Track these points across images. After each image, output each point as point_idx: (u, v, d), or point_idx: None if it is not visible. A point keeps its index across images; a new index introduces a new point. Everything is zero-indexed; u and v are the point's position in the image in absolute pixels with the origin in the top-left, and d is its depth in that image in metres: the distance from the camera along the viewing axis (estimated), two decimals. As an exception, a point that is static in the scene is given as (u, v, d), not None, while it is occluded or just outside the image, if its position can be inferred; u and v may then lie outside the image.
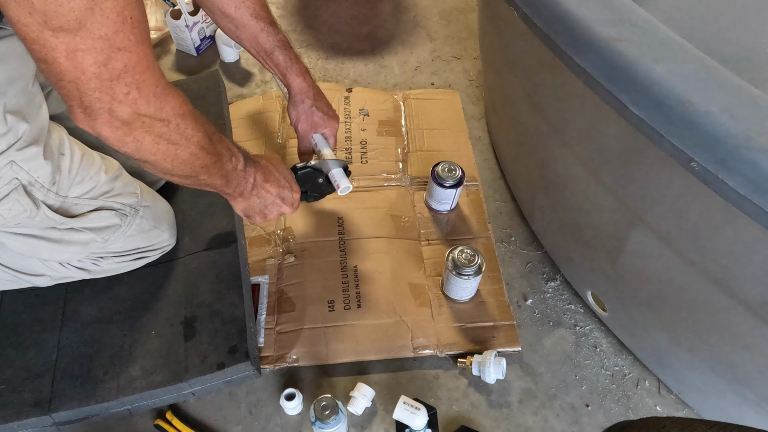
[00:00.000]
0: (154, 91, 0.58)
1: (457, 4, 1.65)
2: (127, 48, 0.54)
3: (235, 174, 0.78)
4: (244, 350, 0.89)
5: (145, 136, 0.61)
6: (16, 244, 0.83)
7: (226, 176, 0.77)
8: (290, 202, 0.89)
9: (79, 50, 0.52)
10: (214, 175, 0.74)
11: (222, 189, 0.79)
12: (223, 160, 0.74)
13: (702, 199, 0.63)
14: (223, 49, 1.44)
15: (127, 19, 0.53)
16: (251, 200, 0.85)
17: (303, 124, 0.99)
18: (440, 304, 1.02)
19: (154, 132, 0.61)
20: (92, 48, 0.52)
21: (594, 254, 0.94)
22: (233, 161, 0.77)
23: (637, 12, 0.71)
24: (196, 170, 0.70)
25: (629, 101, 0.66)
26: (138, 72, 0.56)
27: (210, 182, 0.75)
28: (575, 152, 0.86)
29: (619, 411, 0.94)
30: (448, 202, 1.12)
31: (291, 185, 0.89)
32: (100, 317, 0.93)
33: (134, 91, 0.56)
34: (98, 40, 0.52)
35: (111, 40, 0.53)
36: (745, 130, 0.58)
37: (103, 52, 0.53)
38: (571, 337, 1.02)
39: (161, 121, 0.61)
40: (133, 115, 0.58)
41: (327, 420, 0.81)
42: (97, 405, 0.85)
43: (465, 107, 1.36)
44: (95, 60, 0.53)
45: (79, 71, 0.53)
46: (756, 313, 0.67)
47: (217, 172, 0.74)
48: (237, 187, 0.80)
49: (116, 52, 0.53)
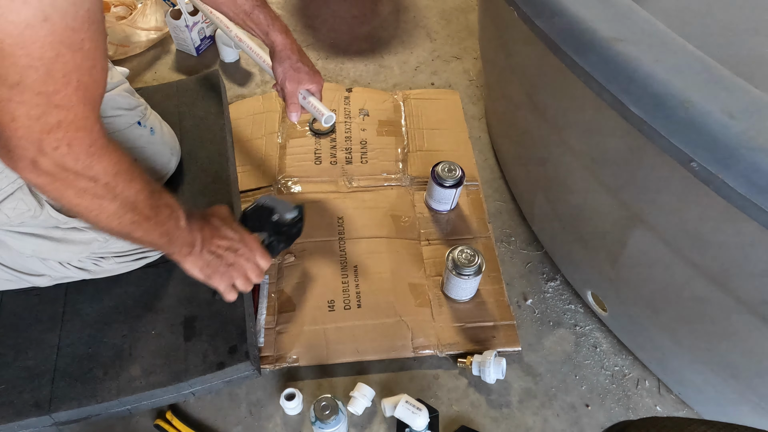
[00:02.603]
0: (86, 150, 0.56)
1: (457, 4, 1.65)
2: (66, 107, 0.53)
3: (177, 231, 0.73)
4: (244, 350, 0.89)
5: (68, 188, 0.58)
6: (18, 243, 0.83)
7: (167, 234, 0.71)
8: (248, 256, 0.82)
9: (14, 101, 0.50)
10: (151, 233, 0.69)
11: (167, 249, 0.74)
12: (160, 217, 0.69)
13: (702, 199, 0.63)
14: (223, 49, 1.44)
15: (72, 81, 0.52)
16: (205, 257, 0.79)
17: (290, 81, 0.95)
18: (440, 304, 1.02)
19: (77, 186, 0.58)
20: (28, 102, 0.51)
21: (594, 254, 0.94)
22: (173, 217, 0.71)
23: (637, 12, 0.71)
24: (126, 227, 0.66)
25: (629, 101, 0.66)
26: (72, 130, 0.54)
27: (148, 240, 0.70)
28: (575, 152, 0.86)
29: (619, 411, 0.94)
30: (448, 202, 1.12)
31: (242, 236, 0.83)
32: (100, 317, 0.93)
33: (64, 147, 0.54)
34: (36, 95, 0.50)
35: (50, 97, 0.51)
36: (745, 130, 0.58)
37: (39, 107, 0.51)
38: (571, 337, 1.02)
39: (88, 178, 0.58)
40: (57, 168, 0.56)
41: (327, 420, 0.81)
42: (97, 405, 0.85)
43: (465, 107, 1.36)
44: (28, 113, 0.51)
45: (9, 118, 0.51)
46: (756, 313, 0.67)
47: (154, 229, 0.69)
48: (183, 246, 0.75)
49: (53, 108, 0.52)
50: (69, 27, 0.49)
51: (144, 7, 1.44)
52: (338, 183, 1.18)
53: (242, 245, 0.82)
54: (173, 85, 1.27)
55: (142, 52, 1.46)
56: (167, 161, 1.07)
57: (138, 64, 1.44)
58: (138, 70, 1.43)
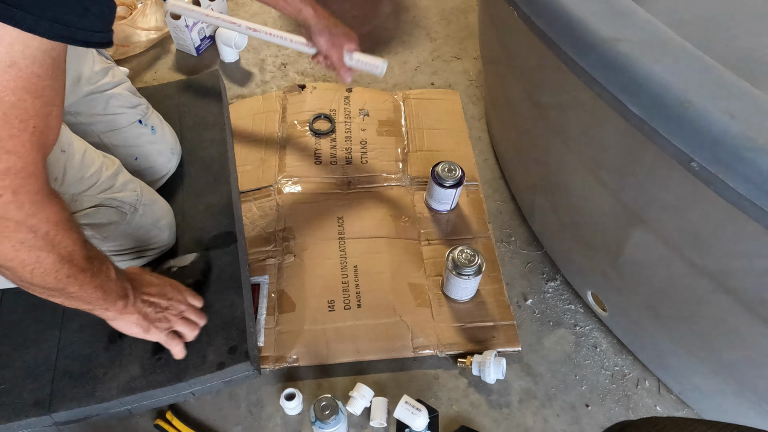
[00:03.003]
0: (32, 198, 0.54)
1: (457, 4, 1.65)
2: (17, 153, 0.50)
3: (110, 283, 0.70)
4: (243, 350, 0.89)
5: (4, 240, 0.54)
6: None
7: (102, 287, 0.68)
8: (179, 298, 0.82)
9: None
10: (86, 287, 0.66)
11: (102, 305, 0.71)
12: (94, 268, 0.66)
13: (702, 199, 0.63)
14: (223, 49, 1.44)
15: (29, 127, 0.50)
16: (138, 307, 0.76)
17: (336, 48, 0.97)
18: (440, 304, 1.02)
19: (15, 238, 0.55)
20: None
21: (594, 254, 0.94)
22: (104, 269, 0.69)
23: (637, 12, 0.71)
24: (62, 281, 0.62)
25: (629, 101, 0.66)
26: (20, 177, 0.52)
27: (84, 295, 0.67)
28: (575, 152, 0.86)
29: (619, 411, 0.94)
30: (448, 202, 1.12)
31: (166, 280, 0.83)
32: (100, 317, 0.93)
33: (8, 195, 0.52)
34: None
35: (1, 143, 0.49)
36: (745, 130, 0.58)
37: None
38: (571, 337, 1.02)
39: (28, 228, 0.55)
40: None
41: (327, 420, 0.81)
42: (97, 405, 0.85)
43: (465, 107, 1.36)
44: None
45: None
46: (756, 313, 0.67)
47: (89, 282, 0.66)
48: (117, 299, 0.72)
49: (3, 154, 0.50)
50: (34, 74, 0.48)
51: (144, 7, 1.44)
52: (338, 183, 1.18)
53: (169, 288, 0.82)
54: (173, 85, 1.27)
55: (142, 52, 1.46)
56: (167, 160, 1.07)
57: (138, 64, 1.44)
58: (138, 70, 1.43)
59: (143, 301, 0.78)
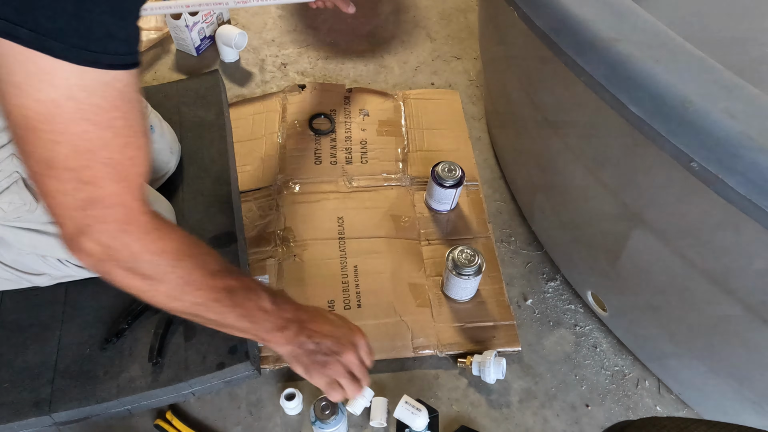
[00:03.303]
0: (121, 228, 0.55)
1: (457, 4, 1.65)
2: (95, 184, 0.52)
3: (260, 313, 0.68)
4: (243, 350, 0.89)
5: (115, 268, 0.57)
6: (16, 238, 0.83)
7: (248, 317, 0.67)
8: (352, 350, 0.73)
9: (46, 176, 0.51)
10: (225, 314, 0.65)
11: (253, 332, 0.69)
12: (235, 297, 0.65)
13: (702, 199, 0.63)
14: (223, 49, 1.44)
15: (101, 158, 0.51)
16: (301, 342, 0.71)
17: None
18: (440, 304, 1.02)
19: (122, 266, 0.57)
20: (58, 177, 0.51)
21: (594, 254, 0.94)
22: (252, 299, 0.67)
23: (637, 12, 0.71)
24: (190, 308, 0.63)
25: (629, 101, 0.66)
26: (103, 207, 0.53)
27: (225, 322, 0.67)
28: (575, 152, 0.86)
29: (619, 411, 0.94)
30: (448, 202, 1.12)
31: (346, 323, 0.76)
32: (100, 317, 0.93)
33: (98, 224, 0.54)
34: (65, 171, 0.51)
35: (78, 173, 0.51)
36: (745, 130, 0.58)
37: (69, 183, 0.51)
38: (571, 337, 1.02)
39: (130, 256, 0.57)
40: (98, 246, 0.55)
41: (327, 420, 0.81)
42: (97, 405, 0.85)
43: (465, 107, 1.36)
44: (59, 188, 0.52)
45: (45, 193, 0.53)
46: (756, 313, 0.67)
47: (228, 311, 0.65)
48: (272, 330, 0.70)
49: (82, 185, 0.52)
50: (96, 105, 0.49)
51: (144, 7, 1.44)
52: (338, 183, 1.18)
53: (345, 332, 0.74)
54: (173, 85, 1.27)
55: (142, 52, 1.46)
56: (167, 160, 1.07)
57: (138, 64, 1.44)
58: (138, 70, 1.43)
59: (308, 338, 0.71)
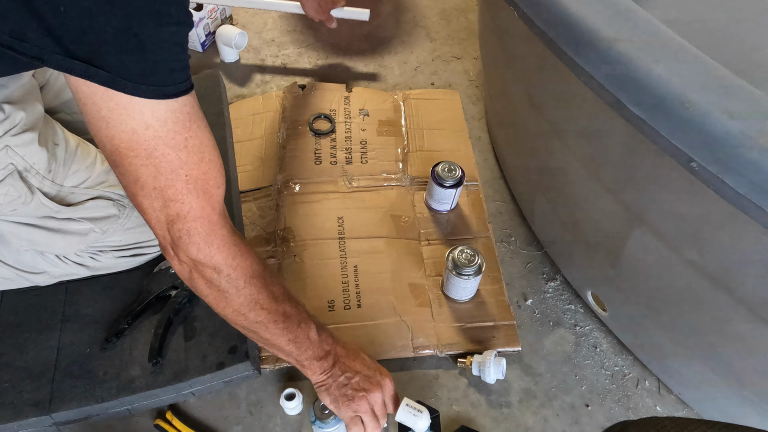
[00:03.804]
0: (205, 239, 0.62)
1: (457, 4, 1.65)
2: (178, 200, 0.59)
3: (307, 342, 0.74)
4: (243, 350, 0.89)
5: (199, 278, 0.65)
6: (13, 232, 0.83)
7: (296, 342, 0.73)
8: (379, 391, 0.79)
9: (138, 195, 0.59)
10: (278, 337, 0.72)
11: (296, 357, 0.75)
12: (288, 323, 0.71)
13: (702, 199, 0.63)
14: (223, 49, 1.44)
15: (181, 176, 0.58)
16: (335, 375, 0.78)
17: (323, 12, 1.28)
18: (440, 304, 1.02)
19: (205, 276, 0.65)
20: (148, 195, 0.59)
21: (594, 254, 0.94)
22: (303, 327, 0.73)
23: (637, 12, 0.71)
24: (252, 325, 0.70)
25: (629, 101, 0.66)
26: (189, 220, 0.61)
27: (276, 344, 0.73)
28: (575, 152, 0.86)
29: (619, 411, 0.94)
30: (448, 202, 1.12)
31: (377, 365, 0.81)
32: (100, 317, 0.93)
33: (185, 237, 0.61)
34: (152, 190, 0.59)
35: (163, 192, 0.59)
36: (745, 130, 0.58)
37: (158, 200, 0.59)
38: (571, 337, 1.02)
39: (211, 268, 0.64)
40: (187, 257, 0.63)
41: (327, 420, 0.81)
42: (97, 405, 0.85)
43: (465, 107, 1.36)
44: (151, 205, 0.60)
45: (141, 210, 0.61)
46: (756, 313, 0.67)
47: (281, 334, 0.71)
48: (313, 358, 0.76)
49: (168, 201, 0.59)
50: (170, 130, 0.56)
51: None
52: (338, 183, 1.18)
53: (376, 374, 0.80)
54: (173, 85, 1.27)
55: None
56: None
57: (138, 64, 1.44)
58: (138, 70, 1.43)
59: (341, 372, 0.78)
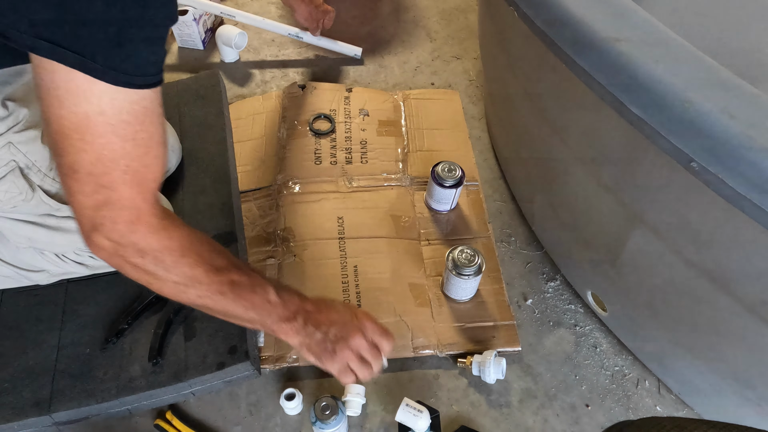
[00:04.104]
0: (129, 227, 0.60)
1: (457, 4, 1.65)
2: (111, 187, 0.58)
3: (267, 305, 0.72)
4: (243, 350, 0.89)
5: (124, 263, 0.63)
6: (13, 229, 0.84)
7: (254, 308, 0.71)
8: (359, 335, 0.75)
9: (70, 177, 0.57)
10: (230, 306, 0.69)
11: (260, 323, 0.72)
12: (240, 290, 0.69)
13: (702, 199, 0.63)
14: (223, 49, 1.44)
15: (120, 166, 0.57)
16: (309, 332, 0.74)
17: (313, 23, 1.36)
18: (440, 304, 1.02)
19: (131, 261, 0.63)
20: (80, 180, 0.57)
21: (594, 254, 0.94)
22: (259, 292, 0.71)
23: (637, 12, 0.71)
24: (195, 300, 0.67)
25: (629, 101, 0.66)
26: (116, 209, 0.59)
27: (233, 313, 0.70)
28: (575, 152, 0.86)
29: (619, 411, 0.94)
30: (448, 202, 1.12)
31: (353, 310, 0.78)
32: (100, 317, 0.93)
33: (108, 223, 0.59)
34: (87, 175, 0.57)
35: (98, 178, 0.57)
36: (745, 130, 0.58)
37: (89, 186, 0.57)
38: (571, 337, 1.02)
39: (136, 252, 0.62)
40: (109, 242, 0.61)
41: (327, 420, 0.81)
42: (97, 405, 0.85)
43: (465, 107, 1.36)
44: (81, 189, 0.58)
45: (68, 193, 0.59)
46: (756, 313, 0.67)
47: (232, 303, 0.69)
48: (280, 322, 0.73)
49: (100, 188, 0.57)
50: (123, 120, 0.55)
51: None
52: (338, 183, 1.18)
53: (352, 318, 0.76)
54: (173, 85, 1.27)
55: (142, 52, 1.46)
56: (168, 159, 1.07)
57: (138, 64, 1.44)
58: (138, 70, 1.43)
59: (315, 328, 0.74)
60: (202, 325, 0.92)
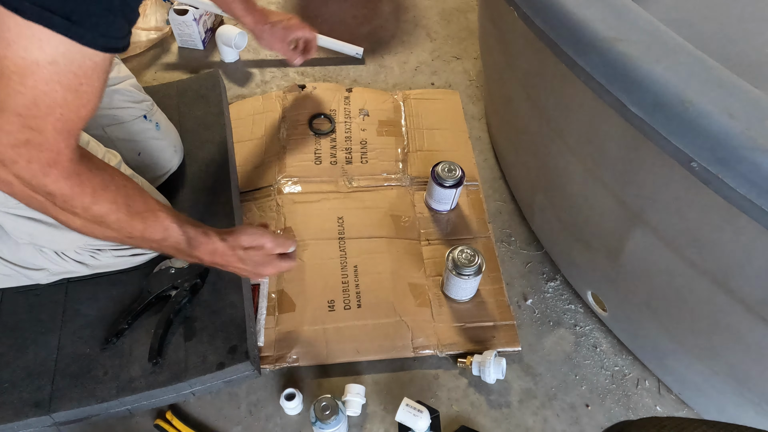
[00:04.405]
0: (42, 170, 0.59)
1: (457, 4, 1.65)
2: (38, 130, 0.57)
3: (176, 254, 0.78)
4: (243, 350, 0.89)
5: (30, 199, 0.63)
6: (15, 225, 0.84)
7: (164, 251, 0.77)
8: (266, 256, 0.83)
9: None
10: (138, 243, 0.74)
11: (168, 251, 0.77)
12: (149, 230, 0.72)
13: (702, 199, 0.63)
14: (223, 49, 1.44)
15: (55, 113, 0.56)
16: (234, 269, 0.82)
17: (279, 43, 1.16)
18: (440, 304, 1.02)
19: (37, 199, 0.63)
20: (4, 118, 0.55)
21: (594, 254, 0.94)
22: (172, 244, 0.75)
23: (637, 12, 0.71)
24: (100, 236, 0.70)
25: (629, 101, 0.66)
26: (36, 150, 0.58)
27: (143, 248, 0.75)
28: (575, 152, 0.86)
29: (619, 411, 0.94)
30: (448, 202, 1.12)
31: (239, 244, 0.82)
32: (100, 317, 0.93)
33: (23, 162, 0.58)
34: (14, 115, 0.55)
35: (26, 120, 0.56)
36: (745, 130, 0.58)
37: (12, 125, 0.56)
38: (571, 337, 1.02)
39: (44, 194, 0.62)
40: (13, 178, 0.60)
41: (327, 420, 0.81)
42: (97, 405, 0.85)
43: (465, 107, 1.36)
44: (1, 127, 0.56)
45: None
46: (756, 313, 0.67)
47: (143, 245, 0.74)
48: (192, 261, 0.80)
49: (25, 128, 0.56)
50: (71, 72, 0.55)
51: (144, 7, 1.44)
52: (338, 183, 1.18)
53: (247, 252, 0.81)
54: (173, 85, 1.27)
55: (142, 52, 1.46)
56: (170, 158, 1.07)
57: (138, 64, 1.44)
58: (138, 70, 1.43)
59: (236, 264, 0.81)
60: (202, 325, 0.92)
